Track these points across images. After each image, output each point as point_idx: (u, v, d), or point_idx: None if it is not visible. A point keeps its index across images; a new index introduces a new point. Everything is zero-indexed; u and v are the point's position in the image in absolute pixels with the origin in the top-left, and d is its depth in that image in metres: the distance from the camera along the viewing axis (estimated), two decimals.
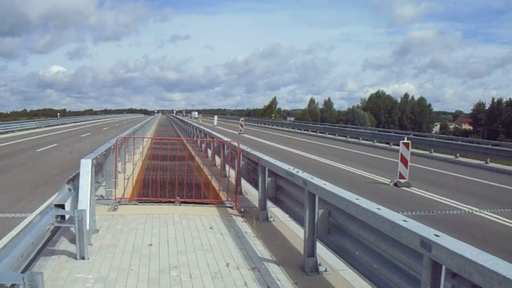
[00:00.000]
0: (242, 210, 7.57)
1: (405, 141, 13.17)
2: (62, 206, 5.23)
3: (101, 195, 8.37)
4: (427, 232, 2.87)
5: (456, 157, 21.59)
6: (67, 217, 5.14)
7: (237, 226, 6.62)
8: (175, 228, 6.31)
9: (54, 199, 5.45)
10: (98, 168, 8.54)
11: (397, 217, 3.26)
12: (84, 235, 5.06)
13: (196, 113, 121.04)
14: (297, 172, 5.29)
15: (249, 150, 8.21)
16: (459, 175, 15.97)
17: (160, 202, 7.95)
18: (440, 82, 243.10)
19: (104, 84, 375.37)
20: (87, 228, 5.27)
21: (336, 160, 18.74)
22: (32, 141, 26.82)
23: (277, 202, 7.00)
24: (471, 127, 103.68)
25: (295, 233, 6.42)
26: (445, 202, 10.75)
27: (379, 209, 3.49)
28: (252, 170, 8.97)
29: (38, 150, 21.07)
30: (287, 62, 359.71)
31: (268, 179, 6.93)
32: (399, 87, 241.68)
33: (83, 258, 5.08)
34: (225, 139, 10.39)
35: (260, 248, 5.62)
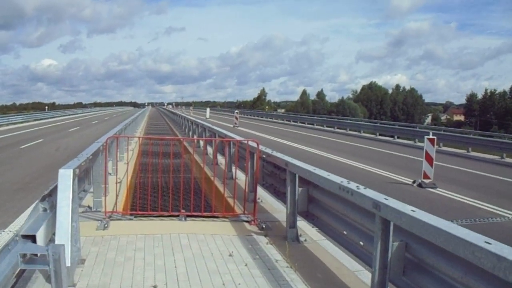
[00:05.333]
0: (264, 226, 6.10)
1: (431, 136, 11.72)
2: (32, 237, 3.79)
3: (88, 206, 6.87)
4: None
5: (468, 151, 20.37)
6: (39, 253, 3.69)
7: (262, 251, 5.16)
8: (184, 257, 4.84)
9: (22, 226, 3.97)
10: (84, 174, 7.08)
11: None
12: (63, 279, 3.61)
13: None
14: (358, 188, 3.79)
15: (269, 151, 6.73)
16: (480, 173, 14.71)
17: (161, 216, 6.47)
18: (432, 73, 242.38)
19: (95, 77, 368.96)
20: (68, 264, 3.84)
21: (344, 156, 17.41)
22: (17, 137, 25.29)
23: (310, 218, 5.60)
24: (462, 118, 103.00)
25: (337, 259, 4.98)
26: (481, 206, 9.49)
27: None
28: (269, 174, 7.55)
29: (22, 147, 19.66)
30: (280, 54, 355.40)
31: (298, 189, 5.50)
32: (391, 78, 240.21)
33: None
34: (238, 138, 8.87)
35: (301, 287, 4.20)
